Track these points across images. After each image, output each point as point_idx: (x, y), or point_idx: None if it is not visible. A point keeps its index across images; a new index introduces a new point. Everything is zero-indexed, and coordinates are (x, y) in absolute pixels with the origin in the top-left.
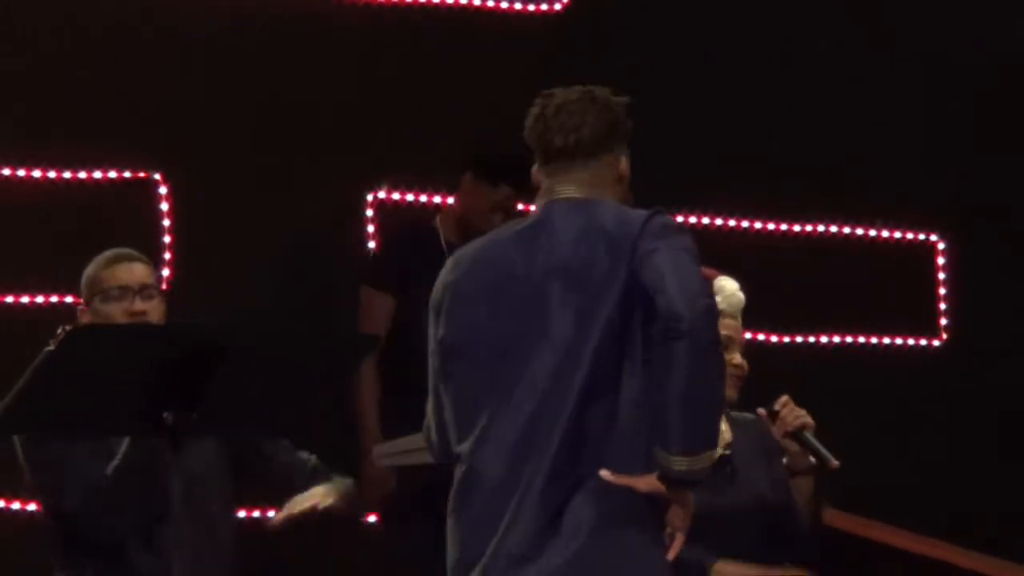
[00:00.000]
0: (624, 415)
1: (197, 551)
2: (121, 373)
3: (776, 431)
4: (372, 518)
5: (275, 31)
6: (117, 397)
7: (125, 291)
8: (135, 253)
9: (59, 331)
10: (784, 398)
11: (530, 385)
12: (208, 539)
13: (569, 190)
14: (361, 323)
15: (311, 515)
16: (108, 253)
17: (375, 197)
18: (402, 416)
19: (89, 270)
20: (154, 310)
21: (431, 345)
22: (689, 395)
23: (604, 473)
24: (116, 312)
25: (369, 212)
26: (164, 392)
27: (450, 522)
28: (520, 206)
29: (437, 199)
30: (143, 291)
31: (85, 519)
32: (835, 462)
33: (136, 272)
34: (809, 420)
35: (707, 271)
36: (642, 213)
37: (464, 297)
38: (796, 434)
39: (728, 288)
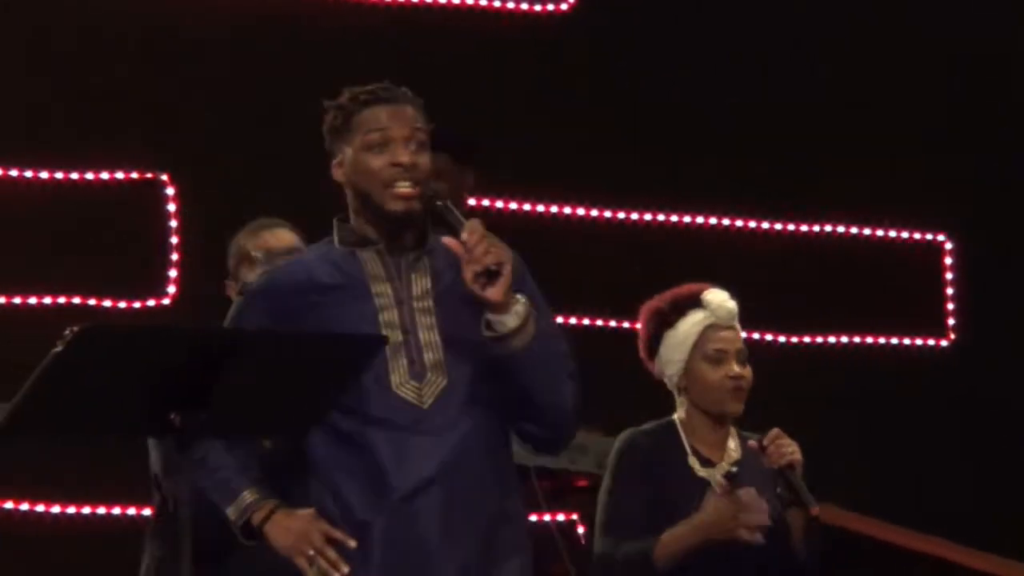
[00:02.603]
0: None
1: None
2: (129, 374)
3: (765, 464)
4: None
5: (285, 32)
6: (125, 398)
7: (271, 256)
8: (281, 221)
9: (66, 332)
10: (773, 432)
11: None
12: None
13: None
14: None
15: None
16: (253, 223)
17: None
18: None
19: (234, 241)
20: None
21: None
22: None
23: None
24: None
25: None
26: (172, 393)
27: None
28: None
29: None
30: (289, 255)
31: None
32: (815, 508)
33: (282, 237)
34: (796, 458)
35: (694, 286)
36: None
37: None
38: (781, 472)
39: (715, 300)
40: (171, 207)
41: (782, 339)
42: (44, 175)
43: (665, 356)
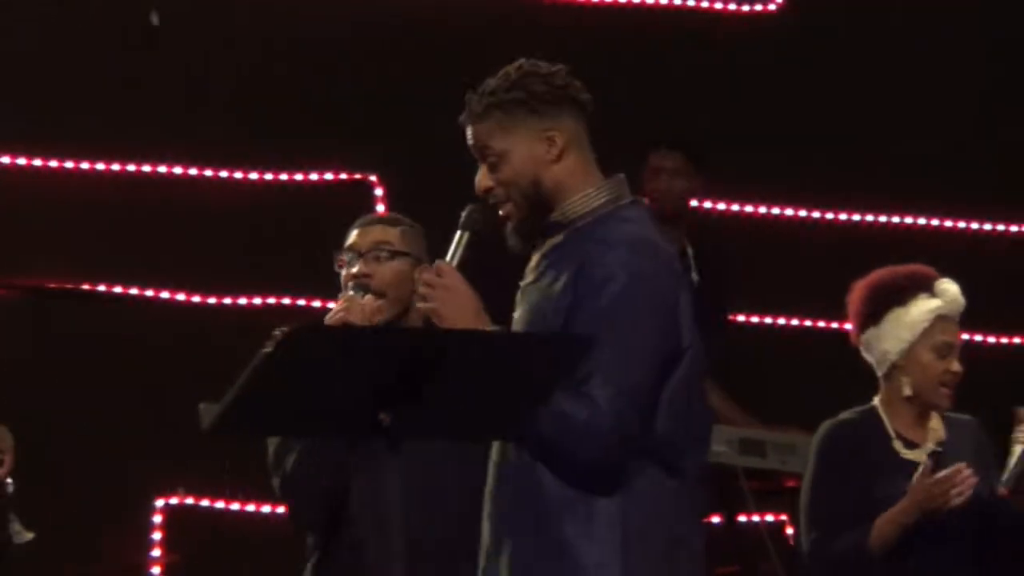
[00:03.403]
0: None
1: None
2: (337, 374)
3: (1021, 438)
4: None
5: (490, 32)
6: (333, 398)
7: (352, 253)
8: (388, 216)
9: (275, 332)
10: None
11: None
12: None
13: None
14: None
15: None
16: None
17: None
18: None
19: None
20: (380, 273)
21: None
22: None
23: None
24: (345, 277)
25: None
26: (381, 393)
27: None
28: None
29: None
30: (369, 252)
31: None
32: (1003, 490)
33: (369, 234)
34: None
35: (924, 269)
36: None
37: None
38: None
39: (950, 292)
40: (380, 208)
41: (991, 340)
42: (254, 176)
43: (888, 331)
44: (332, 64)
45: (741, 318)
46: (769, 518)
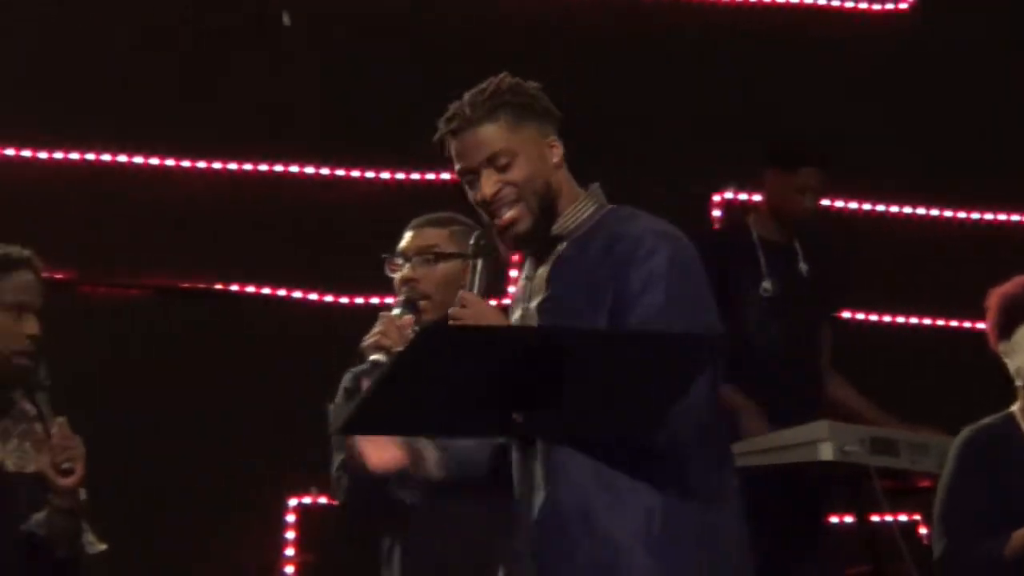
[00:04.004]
0: None
1: None
2: (471, 373)
3: None
4: None
5: (611, 31)
6: (466, 397)
7: (404, 258)
8: (441, 216)
9: (409, 331)
10: None
11: None
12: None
13: None
14: None
15: None
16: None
17: (723, 197)
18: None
19: None
20: (427, 277)
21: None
22: None
23: None
24: (397, 282)
25: (716, 212)
26: (514, 392)
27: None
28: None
29: None
30: (416, 257)
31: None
32: None
33: (417, 238)
34: None
35: None
36: None
37: None
38: None
39: None
40: None
41: None
42: (386, 175)
43: (1019, 346)
44: (453, 63)
45: (874, 317)
46: (902, 518)
